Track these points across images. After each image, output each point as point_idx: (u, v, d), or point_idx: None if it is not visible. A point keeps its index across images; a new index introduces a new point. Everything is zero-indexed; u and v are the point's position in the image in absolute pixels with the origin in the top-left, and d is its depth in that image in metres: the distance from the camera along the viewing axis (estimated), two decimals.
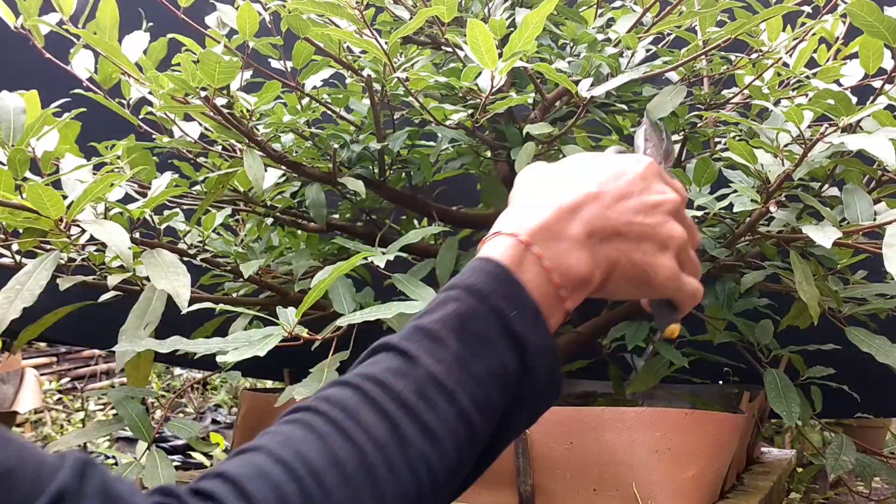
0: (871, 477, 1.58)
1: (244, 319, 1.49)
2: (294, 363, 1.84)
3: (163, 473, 1.24)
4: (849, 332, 1.33)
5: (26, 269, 1.17)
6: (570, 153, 1.35)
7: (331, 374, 1.14)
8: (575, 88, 1.28)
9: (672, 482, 1.27)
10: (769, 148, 1.21)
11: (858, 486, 3.10)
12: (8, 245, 1.31)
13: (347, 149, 1.59)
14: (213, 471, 0.51)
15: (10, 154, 1.18)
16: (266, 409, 1.61)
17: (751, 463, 1.77)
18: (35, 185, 1.08)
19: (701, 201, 1.30)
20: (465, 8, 1.56)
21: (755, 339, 1.59)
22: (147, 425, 1.34)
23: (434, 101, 1.53)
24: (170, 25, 1.45)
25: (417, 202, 1.68)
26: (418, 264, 1.53)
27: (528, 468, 1.32)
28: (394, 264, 1.30)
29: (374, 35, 1.26)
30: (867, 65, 1.25)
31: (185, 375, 5.44)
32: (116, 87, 1.53)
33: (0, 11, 1.43)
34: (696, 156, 1.57)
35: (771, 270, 1.50)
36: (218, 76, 1.27)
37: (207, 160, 1.70)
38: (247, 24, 1.33)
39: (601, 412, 1.30)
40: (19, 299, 1.12)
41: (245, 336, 1.12)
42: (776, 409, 1.39)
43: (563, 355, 1.71)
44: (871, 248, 1.17)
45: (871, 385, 1.74)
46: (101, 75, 1.49)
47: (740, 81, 1.48)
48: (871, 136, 1.06)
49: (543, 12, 1.13)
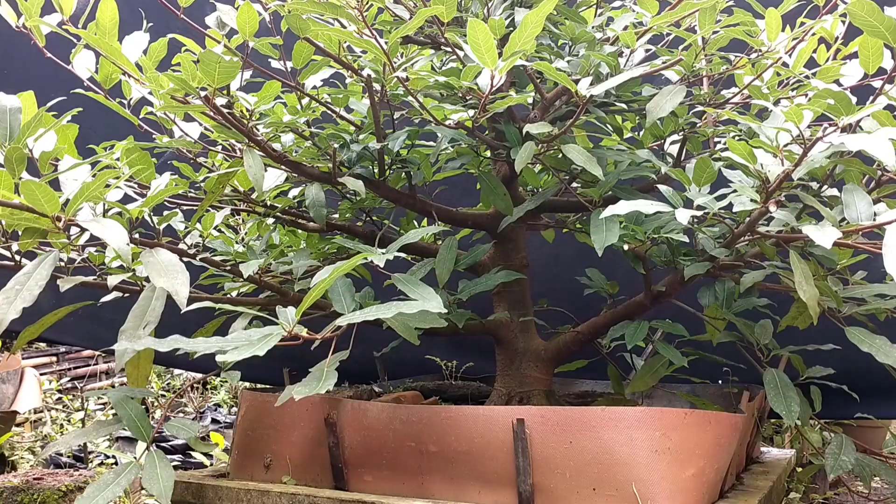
0: (871, 477, 1.58)
1: (244, 319, 1.49)
2: (293, 363, 1.85)
3: (162, 474, 1.24)
4: (848, 332, 1.33)
5: (25, 270, 1.17)
6: (569, 153, 1.35)
7: (330, 374, 1.14)
8: (575, 87, 1.28)
9: (672, 481, 1.27)
10: (769, 148, 1.21)
11: (858, 486, 3.10)
12: (8, 246, 1.32)
13: (347, 149, 1.59)
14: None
15: (6, 153, 1.18)
16: (266, 408, 1.62)
17: (750, 463, 1.77)
18: (29, 182, 1.08)
19: (701, 201, 1.30)
20: (464, 8, 1.56)
21: (755, 338, 1.59)
22: (146, 425, 1.34)
23: (434, 101, 1.53)
24: (170, 25, 1.45)
25: (417, 202, 1.68)
26: (418, 264, 1.53)
27: (527, 467, 1.32)
28: (394, 264, 1.30)
29: (373, 35, 1.27)
30: (867, 65, 1.26)
31: (184, 375, 5.44)
32: (116, 87, 1.53)
33: (2, 11, 1.43)
34: (696, 156, 1.57)
35: (770, 270, 1.50)
36: (218, 76, 1.27)
37: (207, 160, 1.70)
38: (247, 24, 1.33)
39: (601, 411, 1.30)
40: (19, 299, 1.12)
41: (245, 335, 1.13)
42: (776, 409, 1.39)
43: (563, 355, 1.72)
44: (870, 248, 1.17)
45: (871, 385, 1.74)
46: (102, 75, 1.49)
47: (740, 81, 1.48)
48: (871, 136, 1.05)
49: (543, 12, 1.14)
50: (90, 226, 1.14)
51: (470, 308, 1.61)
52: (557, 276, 2.16)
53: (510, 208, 1.57)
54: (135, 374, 1.56)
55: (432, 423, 1.40)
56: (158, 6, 1.39)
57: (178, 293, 1.13)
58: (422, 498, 1.41)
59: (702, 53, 1.43)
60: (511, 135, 1.49)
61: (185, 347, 1.12)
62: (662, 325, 1.63)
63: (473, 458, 1.37)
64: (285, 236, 1.80)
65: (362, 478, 1.48)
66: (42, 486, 2.83)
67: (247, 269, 1.43)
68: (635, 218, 1.42)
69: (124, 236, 1.12)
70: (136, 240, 1.31)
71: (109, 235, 1.11)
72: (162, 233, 1.40)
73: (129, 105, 1.53)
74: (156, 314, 1.26)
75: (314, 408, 1.54)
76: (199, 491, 1.56)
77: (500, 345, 1.73)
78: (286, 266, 1.65)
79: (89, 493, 1.18)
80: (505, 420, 1.34)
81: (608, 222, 1.33)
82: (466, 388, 2.13)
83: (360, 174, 1.57)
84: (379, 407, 1.48)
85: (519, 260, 1.74)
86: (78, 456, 4.05)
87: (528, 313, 1.72)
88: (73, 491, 2.83)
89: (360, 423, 1.48)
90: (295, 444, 1.56)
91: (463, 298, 1.56)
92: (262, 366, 2.94)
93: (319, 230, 1.72)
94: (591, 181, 1.54)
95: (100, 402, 4.89)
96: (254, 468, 1.60)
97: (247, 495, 1.50)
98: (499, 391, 1.71)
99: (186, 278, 1.17)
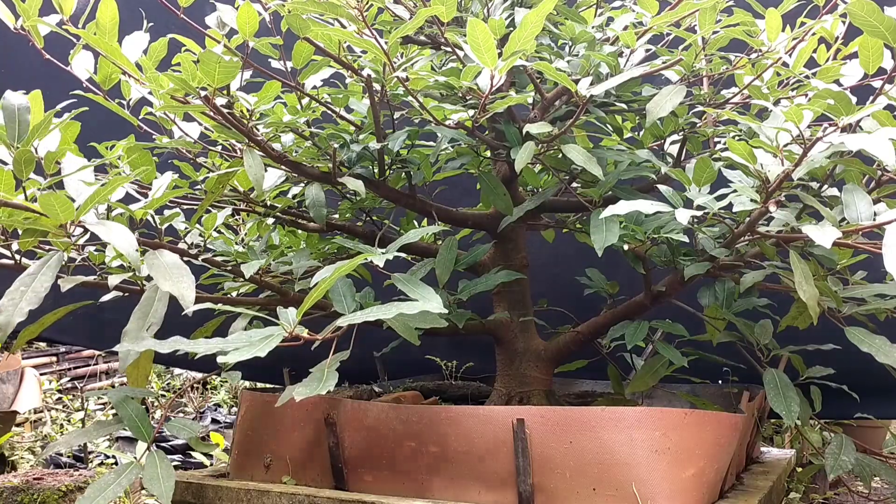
0: (871, 477, 1.58)
1: (244, 319, 1.49)
2: (294, 363, 1.85)
3: (162, 474, 1.24)
4: (848, 332, 1.33)
5: (30, 271, 1.17)
6: (569, 153, 1.35)
7: (331, 375, 1.14)
8: (575, 87, 1.28)
9: (672, 481, 1.27)
10: (769, 148, 1.21)
11: (858, 486, 3.10)
12: (8, 245, 1.32)
13: (347, 149, 1.59)
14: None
15: (16, 155, 1.18)
16: (266, 408, 1.62)
17: (750, 462, 1.77)
18: (48, 195, 1.08)
19: (701, 201, 1.30)
20: (464, 8, 1.56)
21: (755, 338, 1.59)
22: (147, 425, 1.34)
23: (434, 101, 1.53)
24: (169, 25, 1.45)
25: (417, 202, 1.68)
26: (418, 264, 1.53)
27: (527, 467, 1.32)
28: (394, 264, 1.30)
29: (373, 35, 1.27)
30: (867, 65, 1.26)
31: (185, 375, 5.44)
32: (116, 87, 1.53)
33: (0, 13, 1.43)
34: (696, 156, 1.57)
35: (770, 270, 1.50)
36: (218, 76, 1.27)
37: (207, 160, 1.70)
38: (247, 23, 1.33)
39: (601, 411, 1.30)
40: (24, 301, 1.12)
41: (245, 336, 1.12)
42: (776, 409, 1.39)
43: (563, 355, 1.72)
44: (870, 248, 1.17)
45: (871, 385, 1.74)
46: (101, 76, 1.49)
47: (740, 81, 1.48)
48: (871, 136, 1.05)
49: (543, 12, 1.14)
50: (97, 229, 1.13)
51: (470, 308, 1.61)
52: (557, 276, 2.16)
53: (510, 208, 1.57)
54: (135, 375, 1.56)
55: (432, 423, 1.40)
56: (158, 6, 1.39)
57: (185, 297, 1.13)
58: (422, 498, 1.41)
59: (702, 53, 1.43)
60: (511, 135, 1.49)
61: (186, 349, 1.12)
62: (662, 325, 1.63)
63: (473, 458, 1.37)
64: (285, 237, 1.80)
65: (362, 478, 1.48)
66: (42, 486, 2.83)
67: (248, 270, 1.43)
68: (635, 218, 1.42)
69: (132, 241, 1.12)
70: (139, 240, 1.31)
71: (116, 239, 1.11)
72: (164, 232, 1.40)
73: (128, 105, 1.53)
74: (159, 316, 1.26)
75: (314, 408, 1.54)
76: (200, 491, 1.56)
77: (500, 345, 1.73)
78: (286, 266, 1.65)
79: (90, 493, 1.18)
80: (505, 420, 1.34)
81: (608, 222, 1.33)
82: (466, 388, 2.14)
83: (360, 174, 1.57)
84: (379, 407, 1.48)
85: (519, 260, 1.74)
86: (78, 456, 4.05)
87: (528, 313, 1.72)
88: (73, 491, 2.83)
89: (360, 423, 1.48)
90: (295, 444, 1.56)
91: (463, 298, 1.56)
92: (263, 366, 2.94)
93: (319, 230, 1.72)
94: (591, 181, 1.54)
95: (100, 402, 4.89)
96: (254, 468, 1.60)
97: (247, 495, 1.50)
98: (499, 391, 1.71)
99: (191, 281, 1.16)
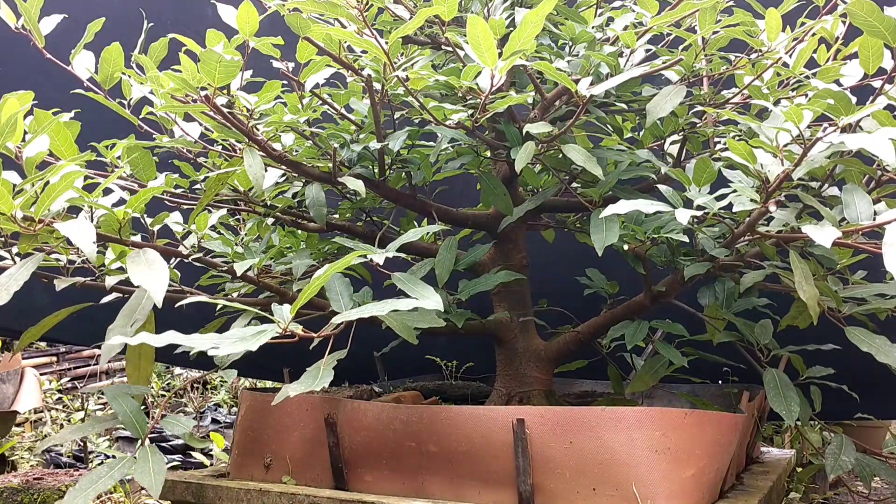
0: (871, 477, 1.58)
1: (244, 319, 1.49)
2: (296, 364, 1.85)
3: (153, 468, 1.24)
4: (848, 332, 1.33)
5: (9, 272, 1.20)
6: (569, 153, 1.35)
7: (326, 372, 1.14)
8: (575, 87, 1.28)
9: (672, 481, 1.27)
10: (769, 148, 1.21)
11: (858, 486, 3.10)
12: (9, 249, 1.33)
13: (347, 148, 1.59)
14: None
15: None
16: (265, 408, 1.62)
17: (750, 462, 1.77)
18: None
19: (701, 201, 1.30)
20: (464, 8, 1.56)
21: (755, 338, 1.59)
22: (141, 421, 1.33)
23: (434, 101, 1.53)
24: (170, 26, 1.45)
25: (417, 202, 1.68)
26: (418, 264, 1.53)
27: (527, 467, 1.32)
28: (394, 264, 1.30)
29: (374, 35, 1.27)
30: (867, 65, 1.26)
31: (184, 375, 5.44)
32: (117, 87, 1.53)
33: (1, 12, 1.43)
34: (696, 156, 1.57)
35: (770, 270, 1.50)
36: (218, 75, 1.27)
37: (207, 160, 1.70)
38: (247, 23, 1.33)
39: (601, 411, 1.30)
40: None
41: (239, 332, 1.13)
42: (775, 409, 1.39)
43: (563, 355, 1.72)
44: (870, 247, 1.17)
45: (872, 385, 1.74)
46: (102, 75, 1.49)
47: (740, 81, 1.48)
48: (871, 136, 1.05)
49: (543, 11, 1.14)
50: (60, 227, 1.15)
51: (470, 308, 1.61)
52: (557, 276, 2.16)
53: (510, 208, 1.57)
54: (135, 375, 1.56)
55: (432, 423, 1.40)
56: (158, 6, 1.39)
57: (153, 289, 1.14)
58: (422, 498, 1.41)
59: (702, 53, 1.44)
60: (511, 135, 1.49)
61: (181, 342, 1.12)
62: (662, 325, 1.63)
63: (473, 458, 1.37)
64: (285, 237, 1.80)
65: (362, 478, 1.48)
66: (42, 486, 2.83)
67: (240, 268, 1.42)
68: (635, 218, 1.42)
69: (91, 235, 1.13)
70: (126, 241, 1.31)
71: (76, 235, 1.12)
72: (157, 234, 1.40)
73: (129, 105, 1.53)
74: (144, 312, 1.26)
75: (314, 408, 1.54)
76: (200, 491, 1.56)
77: (499, 345, 1.73)
78: (285, 266, 1.65)
79: (82, 484, 1.18)
80: (505, 420, 1.34)
81: (608, 222, 1.33)
82: (466, 388, 2.14)
83: (360, 174, 1.57)
84: (379, 407, 1.48)
85: (519, 260, 1.73)
86: (78, 456, 4.05)
87: (528, 313, 1.72)
88: None
89: (360, 423, 1.48)
90: (295, 444, 1.56)
91: (462, 298, 1.56)
92: (265, 366, 2.95)
93: (319, 230, 1.72)
94: (591, 181, 1.54)
95: (100, 401, 4.90)
96: (254, 468, 1.60)
97: (247, 495, 1.50)
98: (499, 391, 1.71)
99: (164, 274, 1.17)
